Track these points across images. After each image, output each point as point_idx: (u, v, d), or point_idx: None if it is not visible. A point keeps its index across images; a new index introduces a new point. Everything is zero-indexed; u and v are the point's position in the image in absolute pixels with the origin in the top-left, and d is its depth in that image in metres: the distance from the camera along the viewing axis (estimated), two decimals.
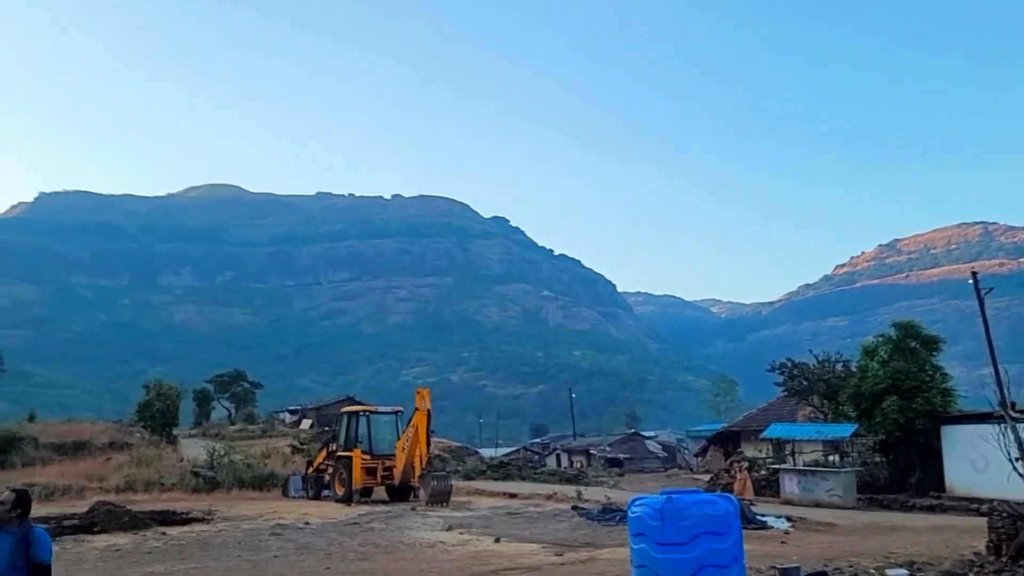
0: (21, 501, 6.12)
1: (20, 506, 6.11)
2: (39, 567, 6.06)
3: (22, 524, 6.05)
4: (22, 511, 6.11)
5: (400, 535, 18.45)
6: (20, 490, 6.27)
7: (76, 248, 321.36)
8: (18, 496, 6.16)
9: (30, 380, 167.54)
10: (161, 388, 47.51)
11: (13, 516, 6.02)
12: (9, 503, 6.07)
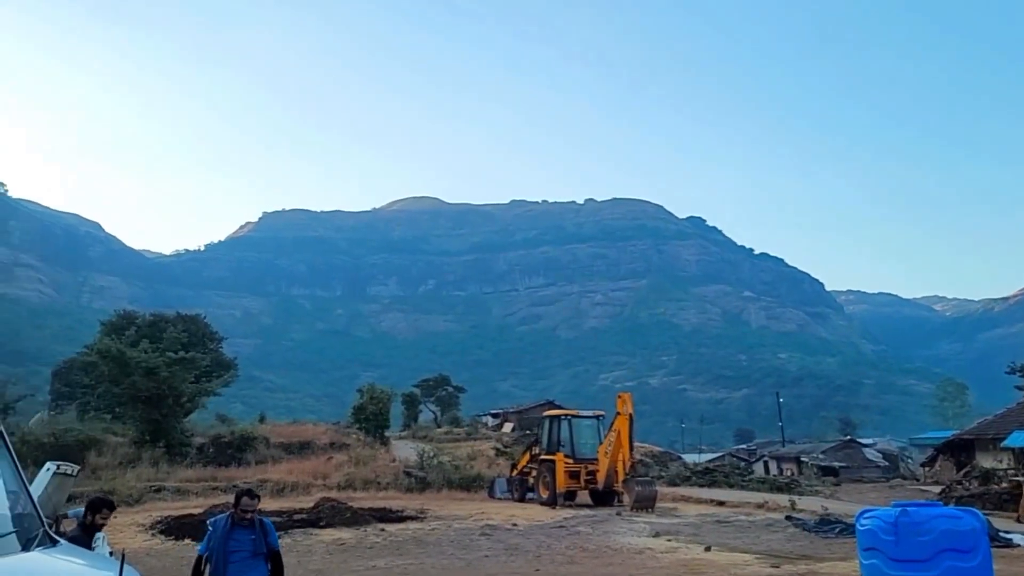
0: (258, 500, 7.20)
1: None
2: (275, 553, 7.00)
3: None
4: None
5: (607, 540, 18.21)
6: (254, 491, 7.30)
7: (295, 262, 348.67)
8: (259, 498, 7.25)
9: (260, 385, 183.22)
10: (374, 392, 49.99)
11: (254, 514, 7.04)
12: (258, 503, 7.10)
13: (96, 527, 7.51)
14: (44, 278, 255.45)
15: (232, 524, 6.95)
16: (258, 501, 7.17)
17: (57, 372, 58.60)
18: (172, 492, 27.69)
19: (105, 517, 7.60)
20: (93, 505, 7.61)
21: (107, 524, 7.57)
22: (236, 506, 7.01)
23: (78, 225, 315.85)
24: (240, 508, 6.97)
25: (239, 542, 6.88)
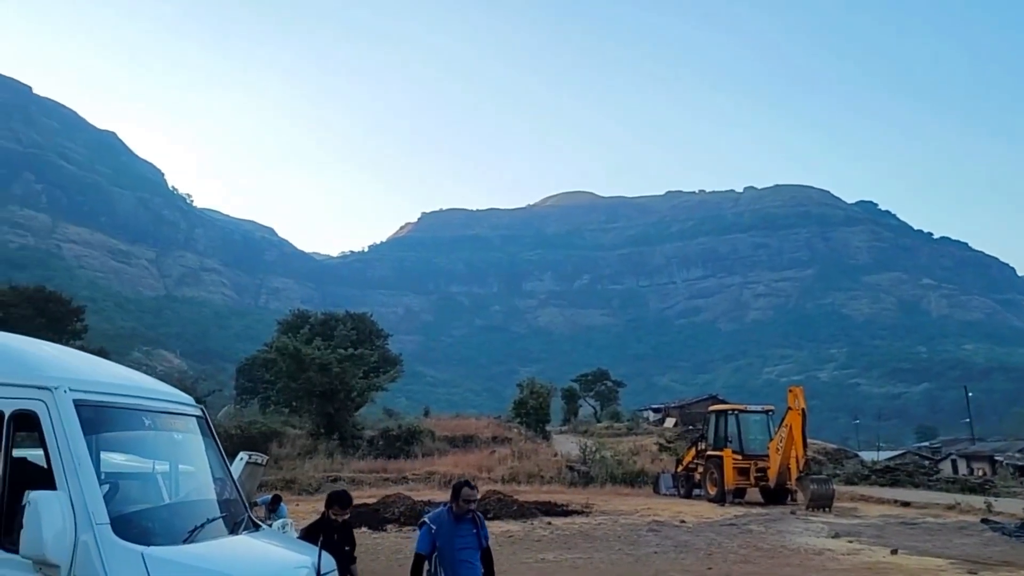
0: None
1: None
2: (486, 550, 6.66)
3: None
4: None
5: (782, 539, 17.50)
6: (472, 482, 6.92)
7: (453, 261, 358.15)
8: (477, 488, 6.88)
9: (423, 380, 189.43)
10: (533, 387, 50.46)
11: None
12: (477, 494, 6.75)
13: (334, 522, 7.13)
14: (226, 281, 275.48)
15: (454, 518, 6.56)
16: (477, 492, 6.76)
17: (241, 368, 63.04)
18: (347, 482, 28.99)
19: (337, 513, 7.15)
20: (328, 500, 7.32)
21: (346, 519, 7.27)
22: (456, 499, 6.56)
23: (254, 231, 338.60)
24: (461, 499, 6.54)
25: (464, 538, 6.52)
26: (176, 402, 6.05)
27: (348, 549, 7.16)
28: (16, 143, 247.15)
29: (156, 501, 5.66)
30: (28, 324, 42.49)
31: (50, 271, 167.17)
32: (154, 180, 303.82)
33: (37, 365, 5.03)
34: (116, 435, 5.50)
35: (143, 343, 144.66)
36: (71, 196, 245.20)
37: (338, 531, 7.10)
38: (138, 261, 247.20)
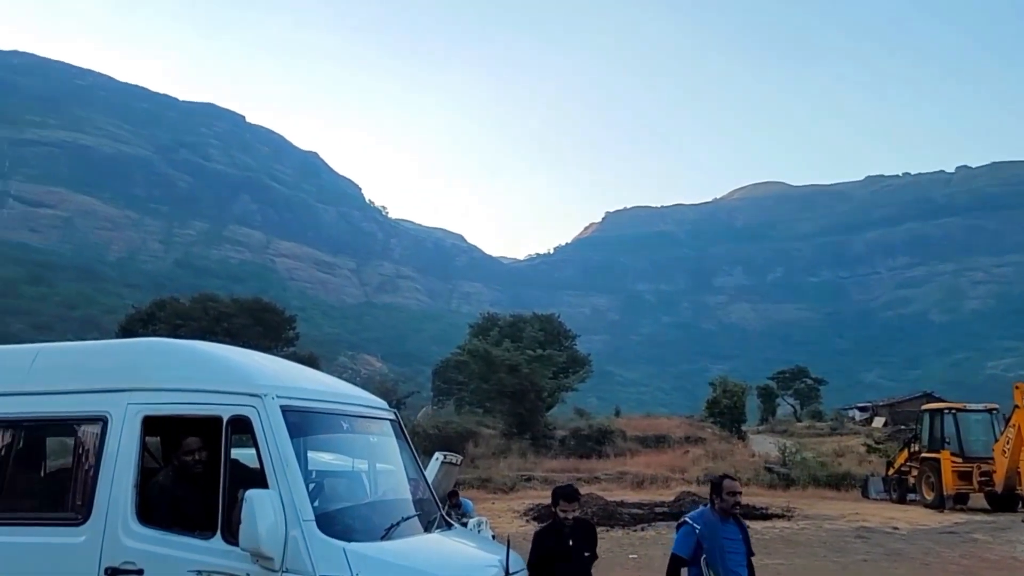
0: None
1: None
2: (751, 559, 6.01)
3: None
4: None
5: (1012, 550, 15.88)
6: (732, 475, 6.32)
7: (639, 259, 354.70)
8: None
9: (612, 379, 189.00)
10: (726, 385, 49.03)
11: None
12: (741, 488, 6.08)
13: (565, 522, 6.16)
14: (420, 287, 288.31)
15: (718, 518, 5.91)
16: (740, 485, 6.11)
17: (436, 370, 65.66)
18: (540, 481, 29.40)
19: (565, 509, 6.16)
20: (553, 496, 6.40)
21: (575, 513, 6.22)
22: (718, 494, 5.92)
23: (444, 238, 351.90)
24: (725, 492, 5.88)
25: (733, 542, 5.87)
26: (371, 406, 6.39)
27: (588, 556, 6.14)
28: (234, 168, 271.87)
29: (356, 500, 5.99)
30: (248, 332, 46.56)
31: (266, 283, 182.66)
32: (353, 195, 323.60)
33: (249, 374, 5.43)
34: (318, 438, 5.88)
35: (348, 348, 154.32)
36: (281, 214, 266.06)
37: (573, 534, 6.12)
38: (341, 271, 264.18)
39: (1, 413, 5.57)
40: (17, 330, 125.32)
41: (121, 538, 4.98)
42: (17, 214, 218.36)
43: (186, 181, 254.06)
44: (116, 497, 5.07)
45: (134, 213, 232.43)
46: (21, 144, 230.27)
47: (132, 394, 5.30)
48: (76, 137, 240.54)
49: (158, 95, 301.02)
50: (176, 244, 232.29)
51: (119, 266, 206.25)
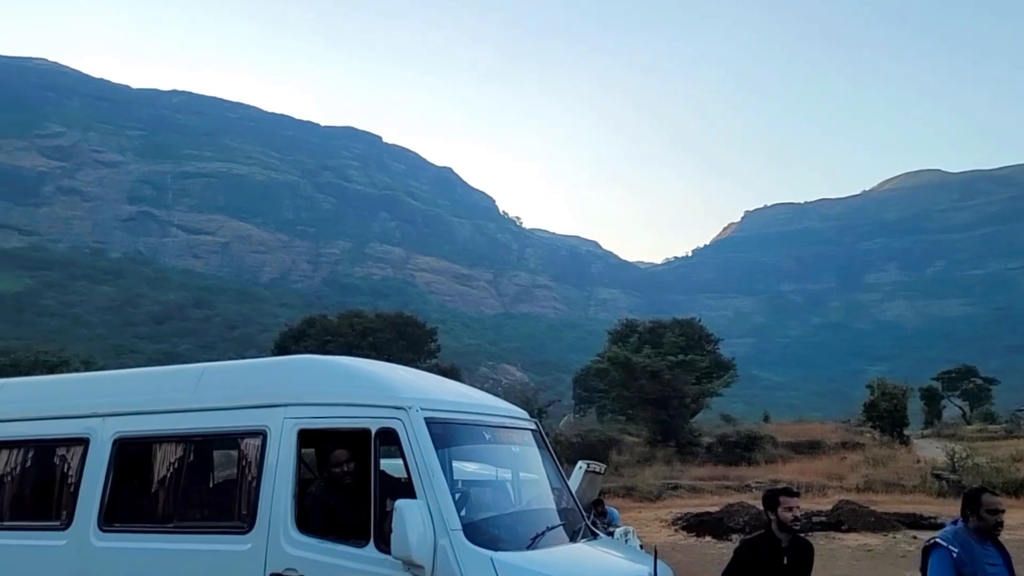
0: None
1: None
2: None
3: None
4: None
5: None
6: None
7: (782, 258, 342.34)
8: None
9: (759, 383, 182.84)
10: (885, 388, 46.45)
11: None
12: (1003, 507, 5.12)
13: (784, 521, 5.37)
14: (557, 296, 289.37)
15: (976, 539, 5.04)
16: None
17: (576, 378, 65.67)
18: (687, 489, 28.79)
19: (790, 507, 5.35)
20: (768, 500, 5.60)
21: (800, 511, 5.61)
22: (975, 511, 5.03)
23: (579, 245, 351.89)
24: (984, 509, 4.99)
25: (995, 567, 5.04)
26: (513, 416, 6.45)
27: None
28: (373, 187, 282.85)
29: (502, 509, 6.04)
30: (392, 346, 48.20)
31: (407, 297, 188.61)
32: (487, 207, 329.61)
33: (394, 388, 5.64)
34: (462, 448, 5.98)
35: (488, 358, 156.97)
36: (419, 229, 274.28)
37: (791, 552, 5.34)
38: (478, 283, 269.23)
39: (173, 429, 5.96)
40: (184, 350, 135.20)
41: (283, 546, 5.22)
42: (181, 242, 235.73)
43: (330, 202, 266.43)
44: (277, 507, 5.32)
45: (284, 236, 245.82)
46: (182, 176, 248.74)
47: (287, 409, 5.56)
48: (230, 167, 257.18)
49: (301, 122, 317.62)
50: (323, 263, 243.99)
51: (272, 286, 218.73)
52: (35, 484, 6.53)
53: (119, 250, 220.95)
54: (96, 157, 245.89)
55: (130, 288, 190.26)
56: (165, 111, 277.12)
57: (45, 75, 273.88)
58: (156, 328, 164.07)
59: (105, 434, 6.04)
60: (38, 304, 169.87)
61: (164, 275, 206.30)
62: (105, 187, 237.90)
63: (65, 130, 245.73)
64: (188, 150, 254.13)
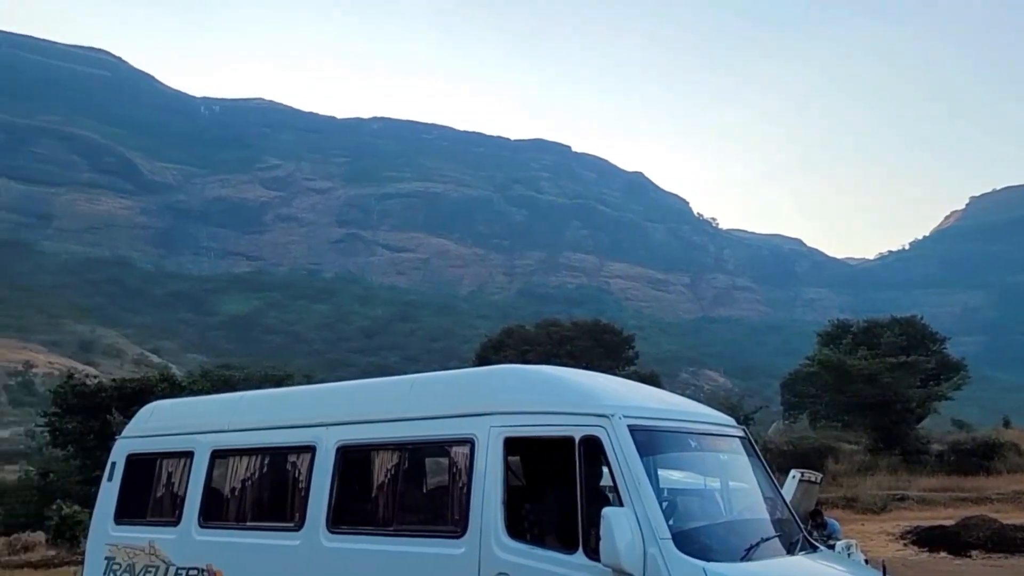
0: None
1: None
2: None
3: None
4: None
5: None
6: None
7: (1015, 247, 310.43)
8: None
9: (993, 385, 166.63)
10: None
11: None
12: None
13: None
14: (760, 297, 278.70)
15: None
16: None
17: (785, 383, 62.84)
18: (915, 500, 26.73)
19: None
20: None
21: None
22: None
23: (782, 244, 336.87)
24: None
25: None
26: (719, 424, 6.26)
27: None
28: (564, 197, 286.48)
29: (712, 518, 5.86)
30: (590, 354, 48.39)
31: (602, 305, 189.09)
32: (681, 210, 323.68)
33: (596, 396, 5.67)
34: (667, 456, 5.86)
35: (687, 364, 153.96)
36: (612, 236, 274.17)
37: None
38: (674, 287, 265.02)
39: (389, 437, 6.30)
40: (392, 362, 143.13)
41: (495, 550, 5.34)
42: (385, 260, 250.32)
43: (522, 215, 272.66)
44: (487, 512, 5.45)
45: (480, 250, 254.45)
46: (384, 198, 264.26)
47: (493, 417, 5.69)
48: (427, 186, 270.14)
49: (492, 137, 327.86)
50: (518, 275, 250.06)
51: (470, 299, 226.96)
52: (271, 488, 7.13)
53: (331, 270, 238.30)
54: (308, 185, 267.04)
55: (342, 305, 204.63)
56: (367, 137, 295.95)
57: (263, 113, 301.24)
58: (366, 342, 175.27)
59: (329, 442, 6.47)
60: (263, 323, 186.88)
61: (372, 292, 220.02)
62: (317, 213, 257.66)
63: (281, 162, 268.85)
64: (388, 172, 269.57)
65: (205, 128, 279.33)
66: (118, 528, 7.79)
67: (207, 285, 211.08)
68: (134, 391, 37.55)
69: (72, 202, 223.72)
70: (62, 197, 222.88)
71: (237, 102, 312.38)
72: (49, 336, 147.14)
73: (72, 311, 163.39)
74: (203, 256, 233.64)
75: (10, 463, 68.85)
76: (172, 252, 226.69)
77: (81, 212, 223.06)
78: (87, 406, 38.21)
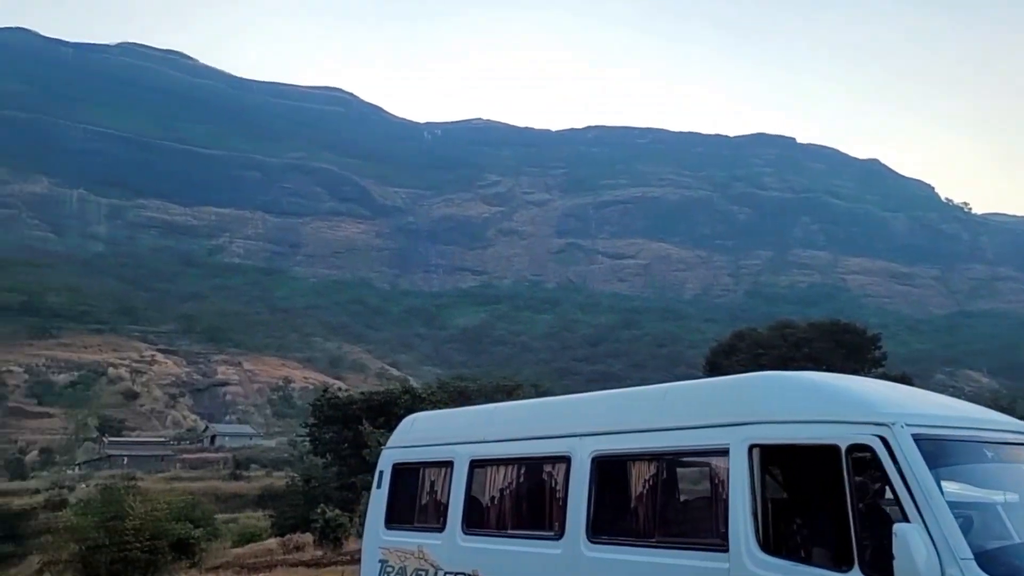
0: None
1: None
2: None
3: None
4: None
5: None
6: None
7: None
8: None
9: None
10: None
11: None
12: None
13: None
14: None
15: None
16: None
17: None
18: None
19: None
20: None
21: None
22: None
23: None
24: None
25: None
26: (1018, 431, 5.61)
27: None
28: (790, 192, 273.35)
29: (1017, 537, 5.26)
30: (830, 356, 45.65)
31: (838, 303, 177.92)
32: (925, 196, 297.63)
33: (872, 403, 5.28)
34: (957, 468, 5.35)
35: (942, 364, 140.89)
36: (846, 229, 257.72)
37: None
38: (922, 280, 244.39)
39: (642, 447, 6.24)
40: (617, 369, 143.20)
41: (748, 566, 5.12)
42: (606, 268, 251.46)
43: (745, 213, 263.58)
44: (742, 526, 5.24)
45: (703, 252, 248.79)
46: (602, 206, 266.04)
47: (749, 428, 5.47)
48: (645, 191, 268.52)
49: (709, 136, 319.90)
50: (744, 275, 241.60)
51: (695, 303, 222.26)
52: (529, 497, 7.32)
53: (553, 280, 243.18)
54: (527, 198, 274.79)
55: (565, 315, 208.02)
56: (582, 147, 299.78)
57: (482, 132, 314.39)
58: (591, 350, 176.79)
59: (583, 452, 6.52)
60: (491, 335, 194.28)
61: (594, 300, 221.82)
62: (537, 225, 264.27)
63: (500, 178, 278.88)
64: (605, 180, 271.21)
65: (429, 151, 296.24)
66: (389, 532, 8.35)
67: (438, 301, 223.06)
68: (380, 403, 40.38)
69: (317, 230, 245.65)
70: (308, 226, 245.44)
71: (457, 124, 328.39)
72: (303, 353, 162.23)
73: (322, 330, 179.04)
74: (433, 273, 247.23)
75: (278, 470, 76.69)
76: (405, 271, 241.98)
77: (325, 239, 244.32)
78: (340, 417, 41.56)
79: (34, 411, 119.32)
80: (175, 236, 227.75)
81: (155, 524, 22.98)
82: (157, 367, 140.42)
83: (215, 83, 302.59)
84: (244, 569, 22.12)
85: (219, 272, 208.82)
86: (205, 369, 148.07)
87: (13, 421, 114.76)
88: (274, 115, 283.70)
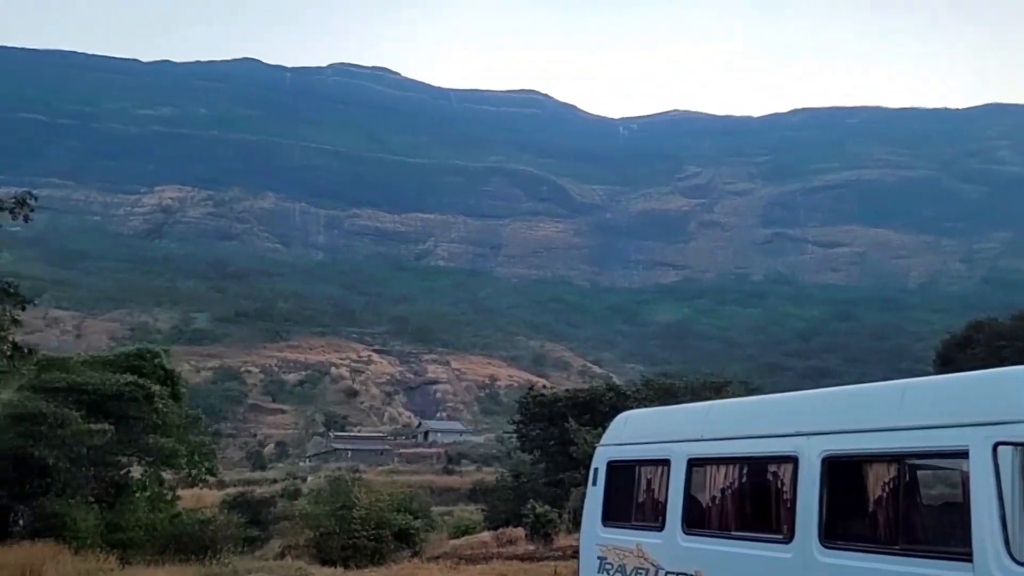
0: None
1: None
2: None
3: None
4: None
5: None
6: None
7: None
8: None
9: None
10: None
11: None
12: None
13: None
14: None
15: None
16: None
17: None
18: None
19: None
20: None
21: None
22: None
23: None
24: None
25: None
26: None
27: None
28: None
29: None
30: None
31: None
32: None
33: None
34: None
35: None
36: None
37: None
38: None
39: (878, 448, 5.81)
40: (833, 365, 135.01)
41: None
42: (817, 258, 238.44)
43: (979, 192, 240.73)
44: (987, 534, 4.84)
45: (928, 236, 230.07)
46: (811, 192, 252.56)
47: (998, 427, 4.99)
48: (859, 174, 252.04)
49: (932, 111, 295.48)
50: (979, 260, 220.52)
51: (920, 292, 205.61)
52: (752, 498, 7.03)
53: (759, 272, 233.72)
54: (728, 188, 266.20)
55: (773, 308, 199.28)
56: (787, 132, 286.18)
57: (679, 124, 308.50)
58: (803, 345, 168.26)
59: (812, 452, 6.17)
60: (695, 330, 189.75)
61: (804, 292, 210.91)
62: (740, 215, 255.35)
63: (700, 169, 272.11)
64: (814, 165, 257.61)
65: (625, 146, 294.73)
66: (606, 530, 8.32)
67: (639, 297, 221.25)
68: (585, 400, 40.55)
69: (517, 231, 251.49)
70: (508, 227, 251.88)
71: (653, 117, 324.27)
72: (507, 352, 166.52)
73: (524, 328, 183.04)
74: (632, 269, 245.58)
75: (487, 465, 79.06)
76: (604, 268, 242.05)
77: (524, 239, 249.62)
78: (546, 415, 42.17)
79: (269, 408, 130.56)
80: (386, 242, 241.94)
81: (379, 514, 24.67)
82: (374, 367, 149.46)
83: (418, 95, 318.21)
84: (462, 560, 22.99)
85: (426, 275, 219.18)
86: (416, 368, 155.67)
87: (252, 417, 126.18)
88: (473, 121, 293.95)
